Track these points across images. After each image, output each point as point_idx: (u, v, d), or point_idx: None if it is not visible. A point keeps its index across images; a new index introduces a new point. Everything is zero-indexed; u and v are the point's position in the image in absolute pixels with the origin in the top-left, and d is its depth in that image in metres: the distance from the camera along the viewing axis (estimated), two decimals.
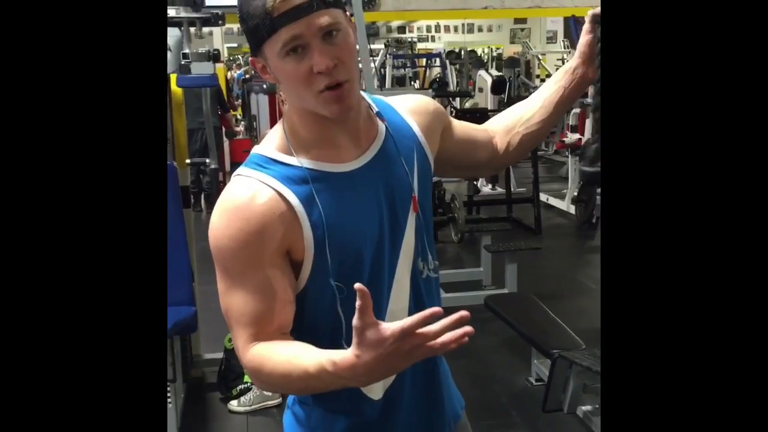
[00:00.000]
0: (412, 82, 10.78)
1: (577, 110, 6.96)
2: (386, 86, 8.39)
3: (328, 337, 1.13)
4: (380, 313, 1.15)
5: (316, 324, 1.16)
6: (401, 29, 14.24)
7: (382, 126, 1.20)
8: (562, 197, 6.60)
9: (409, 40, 13.66)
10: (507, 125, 1.39)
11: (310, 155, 1.12)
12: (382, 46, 9.46)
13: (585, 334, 3.04)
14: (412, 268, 1.20)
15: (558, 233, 6.11)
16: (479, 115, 5.79)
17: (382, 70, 8.89)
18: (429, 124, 1.27)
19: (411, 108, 1.26)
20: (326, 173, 1.12)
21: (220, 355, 3.37)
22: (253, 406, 3.20)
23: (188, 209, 3.14)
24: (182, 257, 2.93)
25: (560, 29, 13.55)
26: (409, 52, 11.46)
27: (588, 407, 2.84)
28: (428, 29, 14.58)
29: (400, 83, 10.31)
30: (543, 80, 10.65)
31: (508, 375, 3.49)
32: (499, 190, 6.44)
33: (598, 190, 6.34)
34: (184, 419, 3.07)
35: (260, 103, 6.72)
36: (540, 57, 11.59)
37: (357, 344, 0.95)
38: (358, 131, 1.16)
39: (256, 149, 1.16)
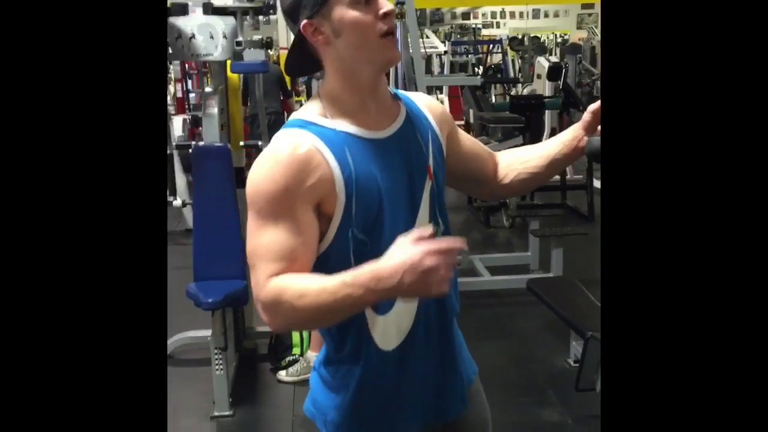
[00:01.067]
0: (476, 68, 10.78)
1: None
2: (445, 72, 8.44)
3: None
4: None
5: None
6: (465, 15, 14.20)
7: (402, 107, 1.35)
8: None
9: (474, 26, 13.64)
10: (510, 160, 1.52)
11: (346, 120, 1.27)
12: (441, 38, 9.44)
13: None
14: None
15: None
16: (534, 102, 5.80)
17: (443, 57, 8.93)
18: (439, 120, 1.42)
19: (425, 104, 1.42)
20: (359, 137, 1.26)
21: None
22: (300, 377, 3.36)
23: (242, 189, 3.32)
24: (234, 234, 3.11)
25: None
26: (473, 38, 11.46)
27: None
28: (493, 15, 14.50)
29: (463, 69, 10.33)
30: None
31: (547, 356, 3.56)
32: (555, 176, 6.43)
33: None
34: (235, 386, 3.27)
35: None
36: None
37: (396, 246, 1.10)
38: (386, 106, 1.32)
39: (294, 115, 1.31)
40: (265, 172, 1.22)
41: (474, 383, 1.49)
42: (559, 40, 13.04)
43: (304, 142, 1.23)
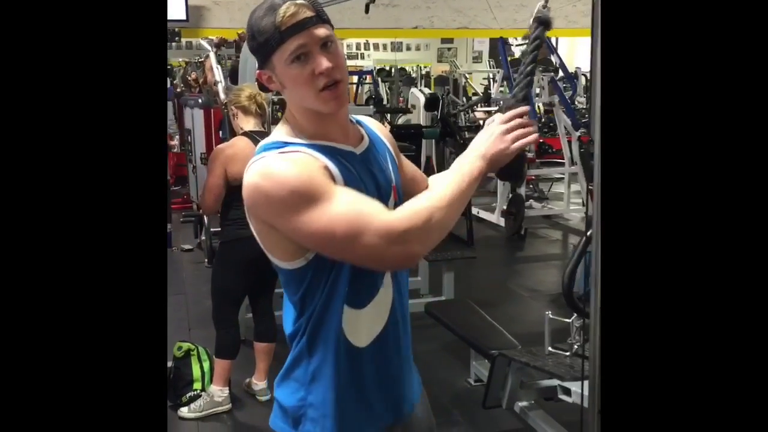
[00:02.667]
0: None
1: None
2: None
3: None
4: (375, 281, 1.35)
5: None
6: None
7: (363, 131, 1.42)
8: (492, 210, 6.88)
9: None
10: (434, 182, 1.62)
11: (318, 140, 1.31)
12: None
13: (518, 337, 3.25)
14: None
15: (489, 244, 6.37)
16: (413, 131, 6.00)
17: None
18: (391, 145, 1.50)
19: (377, 128, 1.49)
20: (336, 148, 1.32)
21: (169, 363, 3.43)
22: (204, 412, 3.26)
23: None
24: None
25: (486, 49, 14.01)
26: None
27: (524, 403, 3.04)
28: (357, 47, 14.80)
29: None
30: (469, 98, 11.01)
31: (448, 377, 3.67)
32: None
33: (526, 203, 6.63)
34: None
35: (195, 118, 6.74)
36: (467, 76, 11.96)
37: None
38: (348, 131, 1.37)
39: (263, 141, 1.33)
40: (285, 170, 1.22)
41: (422, 389, 1.56)
42: (423, 72, 13.52)
43: (294, 152, 1.26)
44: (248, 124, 3.22)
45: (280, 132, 1.34)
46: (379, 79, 10.08)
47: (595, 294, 1.80)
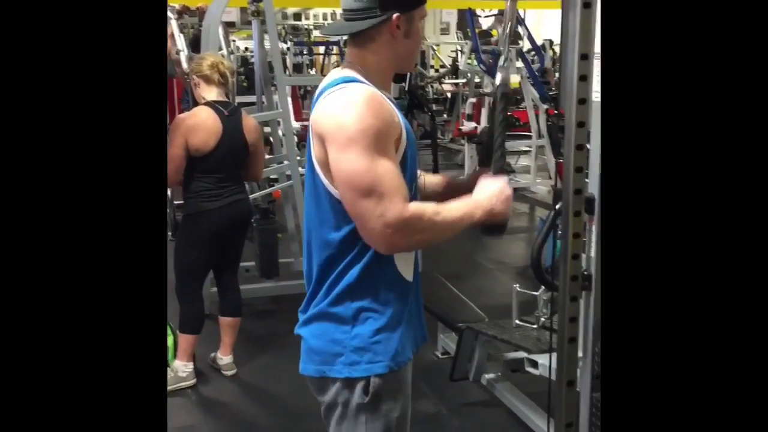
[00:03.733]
0: (309, 70, 10.82)
1: (473, 100, 7.25)
2: (289, 73, 8.39)
3: None
4: None
5: None
6: (297, 16, 14.17)
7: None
8: None
9: (306, 27, 13.65)
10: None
11: (378, 87, 1.47)
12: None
13: (485, 310, 3.26)
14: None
15: None
16: None
17: (285, 57, 8.88)
18: None
19: None
20: (391, 99, 1.49)
21: None
22: (168, 388, 3.22)
23: None
24: None
25: (454, 21, 13.92)
26: (306, 40, 11.50)
27: (491, 375, 3.05)
28: (324, 17, 14.58)
29: (298, 70, 10.32)
30: (437, 70, 10.95)
31: None
32: None
33: None
34: None
35: None
36: (434, 48, 11.89)
37: (483, 183, 1.55)
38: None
39: (339, 74, 1.47)
40: (365, 108, 1.36)
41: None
42: None
43: (374, 91, 1.42)
44: (211, 93, 3.14)
45: (350, 72, 1.47)
46: (346, 51, 9.96)
47: (564, 267, 1.79)
